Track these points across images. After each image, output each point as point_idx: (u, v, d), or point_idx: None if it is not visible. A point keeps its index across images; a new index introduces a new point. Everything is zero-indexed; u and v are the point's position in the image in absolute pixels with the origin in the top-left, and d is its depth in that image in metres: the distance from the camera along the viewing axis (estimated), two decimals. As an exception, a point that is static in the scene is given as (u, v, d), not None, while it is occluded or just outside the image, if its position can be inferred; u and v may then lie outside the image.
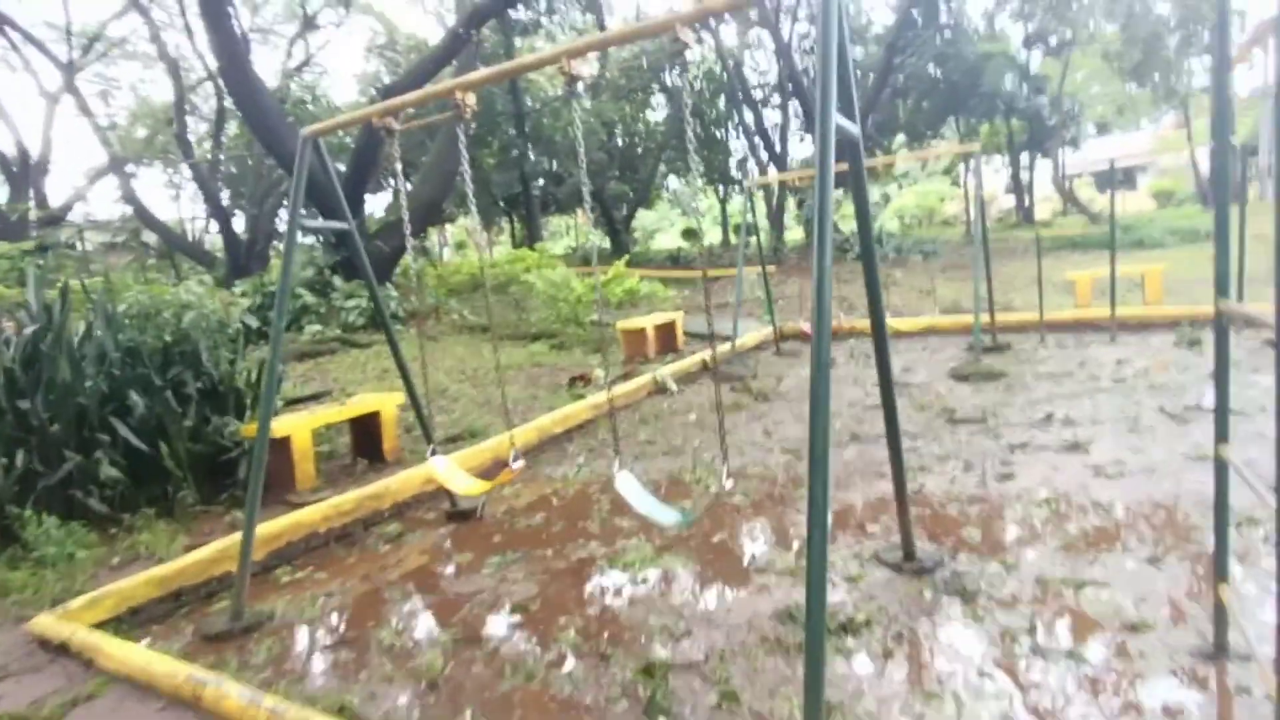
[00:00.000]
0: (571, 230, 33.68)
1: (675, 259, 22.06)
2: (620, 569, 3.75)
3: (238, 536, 4.08)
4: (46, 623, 3.31)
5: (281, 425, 5.20)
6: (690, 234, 27.32)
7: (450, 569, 4.01)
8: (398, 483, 5.05)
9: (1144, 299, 9.81)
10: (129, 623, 3.55)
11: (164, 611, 3.69)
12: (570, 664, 2.89)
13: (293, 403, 6.20)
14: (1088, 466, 4.55)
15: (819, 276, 2.18)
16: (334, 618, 3.54)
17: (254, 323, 12.83)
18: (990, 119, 25.19)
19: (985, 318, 8.19)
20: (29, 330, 4.98)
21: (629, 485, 3.24)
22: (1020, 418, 5.80)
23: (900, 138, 25.13)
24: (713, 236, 30.41)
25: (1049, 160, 28.21)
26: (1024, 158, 27.09)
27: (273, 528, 4.30)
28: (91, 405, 4.87)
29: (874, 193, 22.75)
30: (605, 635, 3.08)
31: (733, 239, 26.88)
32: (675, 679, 2.70)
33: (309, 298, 14.00)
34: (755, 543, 3.96)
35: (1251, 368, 6.57)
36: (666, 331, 9.92)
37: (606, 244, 24.65)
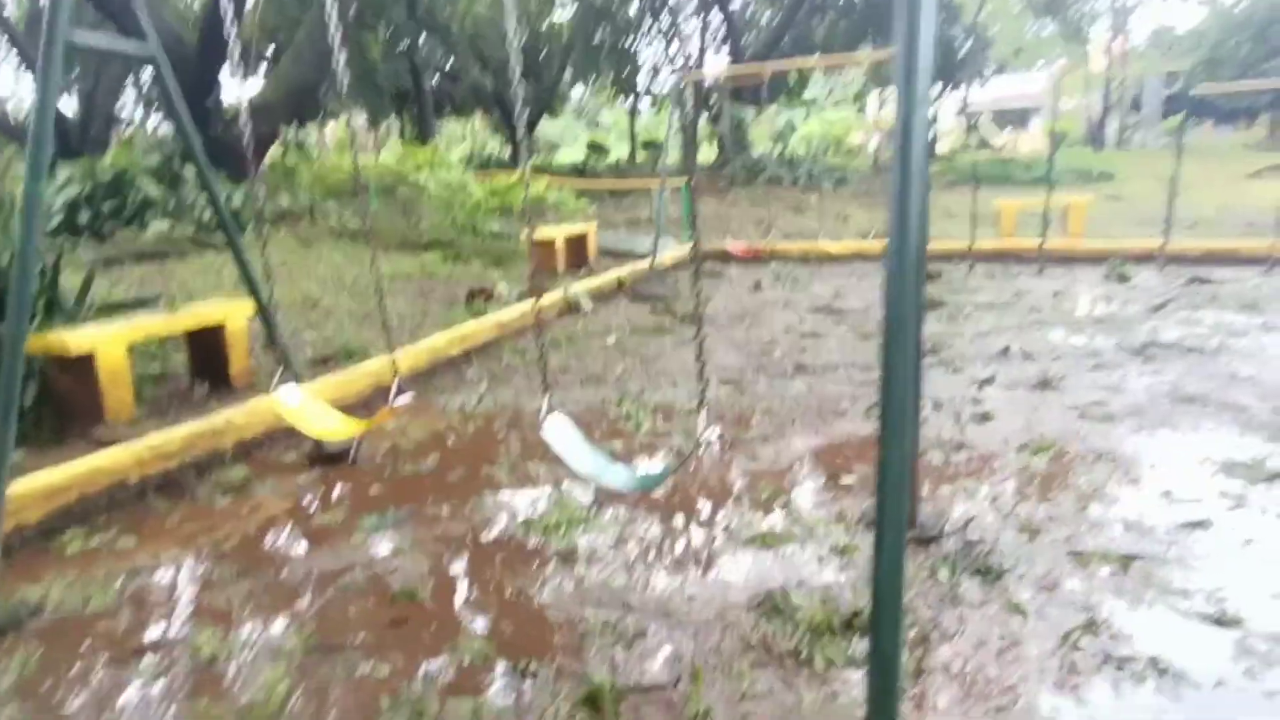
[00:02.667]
0: (469, 137, 31.21)
1: (581, 170, 20.65)
2: (540, 534, 2.89)
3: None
4: None
5: (83, 338, 3.92)
6: (596, 147, 25.77)
7: (308, 536, 3.03)
8: (244, 415, 3.93)
9: (1066, 232, 9.62)
10: None
11: None
12: (480, 690, 2.03)
13: (108, 309, 4.85)
14: (1069, 408, 4.03)
15: (902, 185, 1.32)
16: (132, 611, 2.51)
17: (84, 216, 10.80)
18: (904, 45, 24.75)
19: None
20: None
21: (561, 433, 2.35)
22: (974, 350, 5.28)
23: (816, 56, 24.36)
24: (619, 151, 28.91)
25: (956, 93, 28.29)
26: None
27: (56, 476, 3.15)
28: None
29: (780, 119, 22.04)
30: (527, 640, 2.23)
31: (640, 156, 25.61)
32: (631, 713, 1.89)
33: (152, 189, 11.88)
34: (709, 501, 3.18)
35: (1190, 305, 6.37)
36: (578, 245, 8.89)
37: (505, 155, 22.83)
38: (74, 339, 3.90)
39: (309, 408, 3.07)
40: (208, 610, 2.50)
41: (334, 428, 2.97)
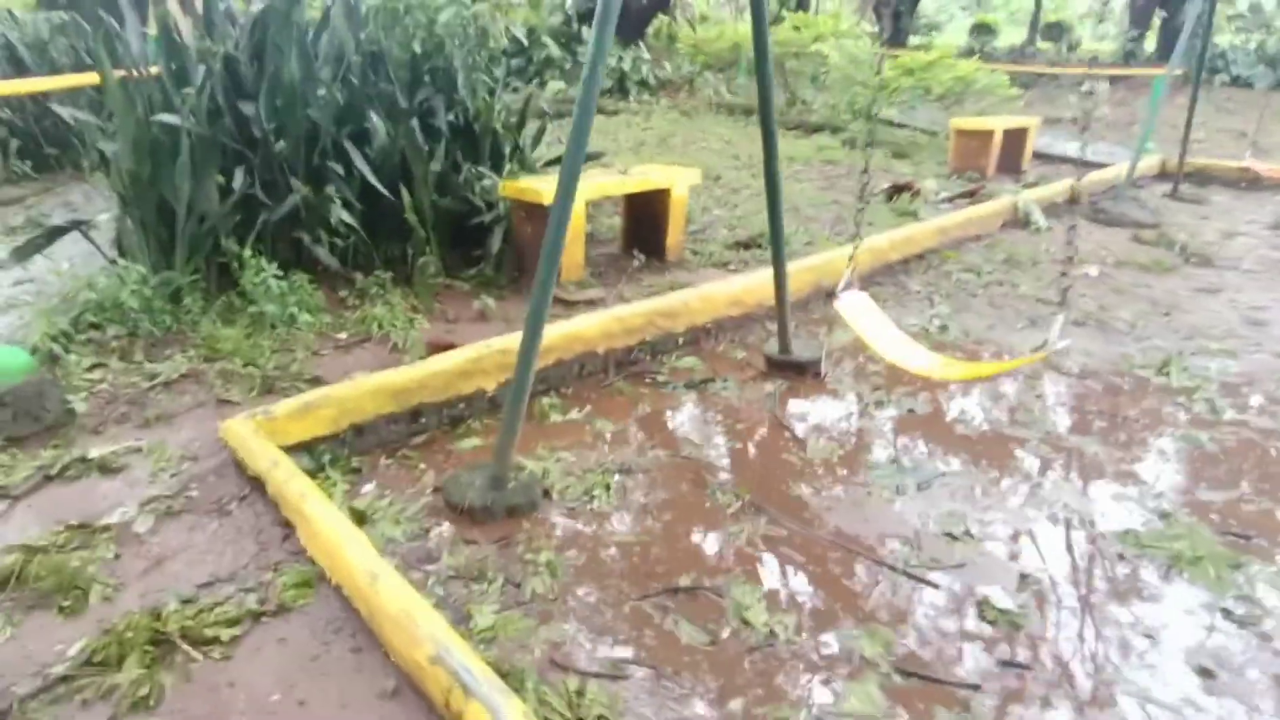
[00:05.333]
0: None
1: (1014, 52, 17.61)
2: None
3: (498, 344, 2.79)
4: (243, 432, 2.21)
5: (549, 189, 3.76)
6: (983, 29, 22.10)
7: (814, 470, 2.50)
8: (698, 299, 3.53)
9: None
10: (352, 445, 2.42)
11: (395, 436, 2.53)
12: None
13: (551, 164, 4.80)
14: None
15: None
16: (634, 516, 2.19)
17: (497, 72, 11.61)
18: None
19: None
20: (257, 7, 3.72)
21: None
22: None
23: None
24: (1011, 35, 24.60)
25: None
26: None
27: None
28: (324, 121, 3.64)
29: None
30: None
31: (1040, 42, 21.45)
32: None
33: (554, 49, 12.38)
34: None
35: None
36: (1014, 143, 7.34)
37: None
38: (540, 189, 3.75)
39: (888, 331, 2.49)
40: (719, 546, 2.08)
41: (924, 364, 2.35)
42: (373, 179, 3.65)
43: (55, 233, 3.24)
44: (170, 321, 3.12)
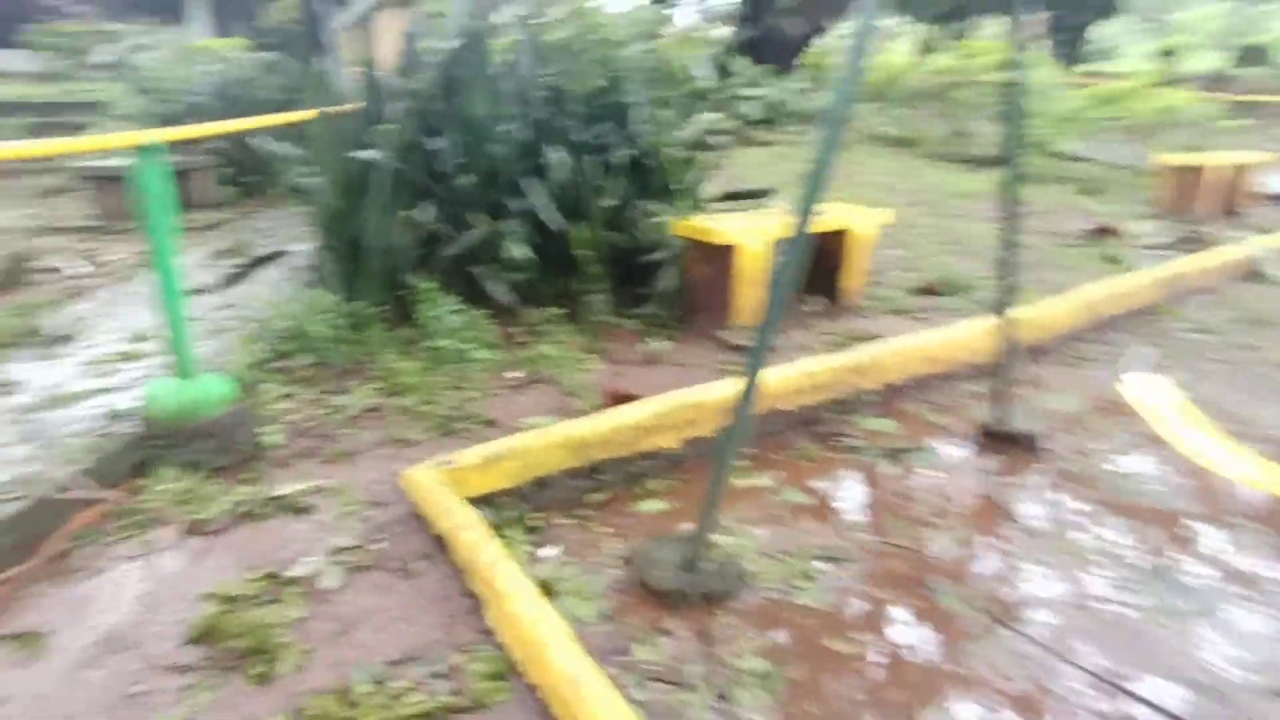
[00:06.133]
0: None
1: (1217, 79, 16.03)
2: None
3: (683, 398, 2.59)
4: (426, 483, 2.11)
5: (725, 229, 3.57)
6: (1169, 55, 20.20)
7: (1054, 576, 2.11)
8: (890, 354, 3.19)
9: None
10: (533, 499, 2.28)
11: (573, 493, 2.37)
12: None
13: (729, 198, 4.61)
14: None
15: None
16: (848, 618, 1.89)
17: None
18: None
19: None
20: (452, 44, 3.77)
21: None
22: None
23: None
24: (1203, 61, 22.35)
25: None
26: None
27: (708, 391, 2.73)
28: (506, 156, 3.62)
29: None
30: None
31: (1239, 67, 19.29)
32: None
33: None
34: None
35: None
36: (1232, 181, 6.46)
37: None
38: (721, 228, 3.56)
39: (1191, 424, 2.11)
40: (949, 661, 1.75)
41: (1248, 472, 1.96)
42: (553, 214, 3.58)
43: (259, 261, 3.37)
44: (354, 353, 3.15)
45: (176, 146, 2.45)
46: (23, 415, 2.51)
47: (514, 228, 3.57)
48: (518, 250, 3.51)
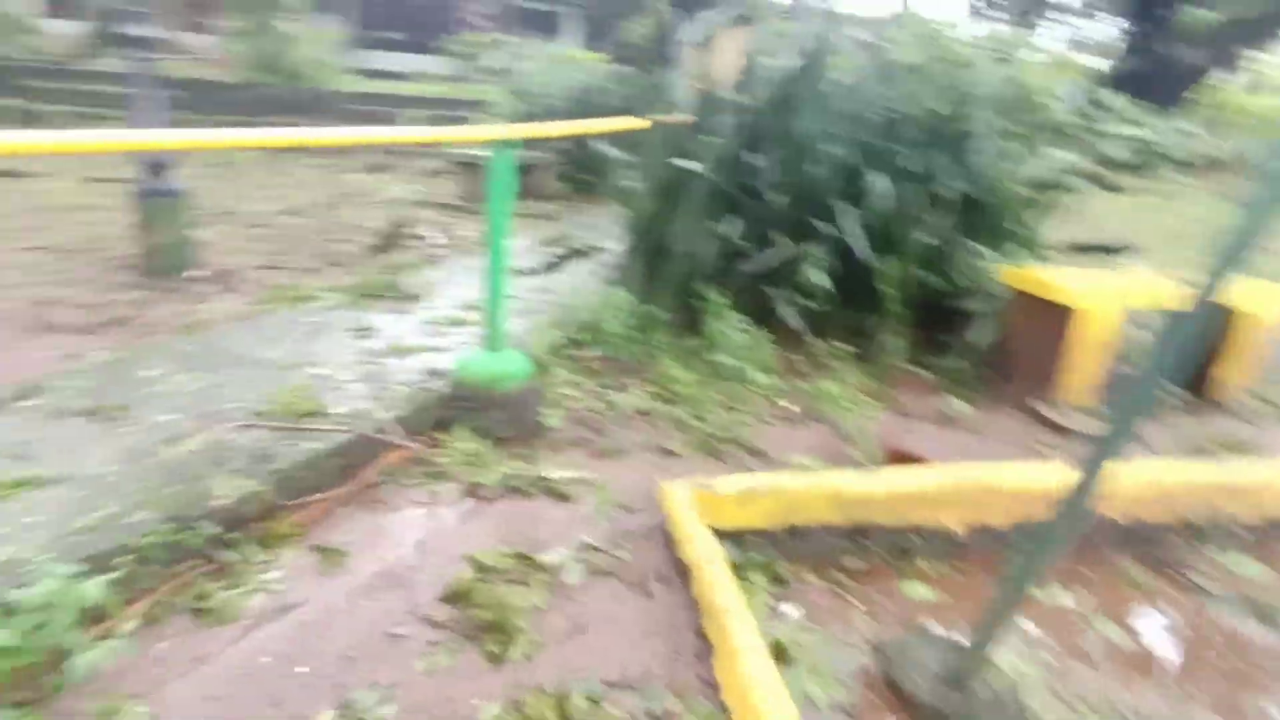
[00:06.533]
0: None
1: None
2: None
3: (978, 475, 2.23)
4: (680, 502, 2.05)
5: (1067, 285, 3.03)
6: None
7: None
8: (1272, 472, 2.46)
9: None
10: (785, 547, 2.11)
11: (831, 552, 2.14)
12: None
13: (1075, 250, 3.97)
14: None
15: None
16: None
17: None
18: None
19: None
20: (794, 64, 3.71)
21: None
22: None
23: None
24: None
25: None
26: None
27: (1009, 472, 2.30)
28: (825, 178, 3.46)
29: None
30: None
31: None
32: None
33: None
34: None
35: None
36: None
37: None
38: (1062, 283, 3.04)
39: None
40: None
41: None
42: (862, 243, 3.35)
43: (576, 253, 3.62)
44: (638, 353, 3.24)
45: (528, 143, 2.69)
46: (370, 358, 2.94)
47: (817, 252, 3.40)
48: (816, 276, 3.33)
